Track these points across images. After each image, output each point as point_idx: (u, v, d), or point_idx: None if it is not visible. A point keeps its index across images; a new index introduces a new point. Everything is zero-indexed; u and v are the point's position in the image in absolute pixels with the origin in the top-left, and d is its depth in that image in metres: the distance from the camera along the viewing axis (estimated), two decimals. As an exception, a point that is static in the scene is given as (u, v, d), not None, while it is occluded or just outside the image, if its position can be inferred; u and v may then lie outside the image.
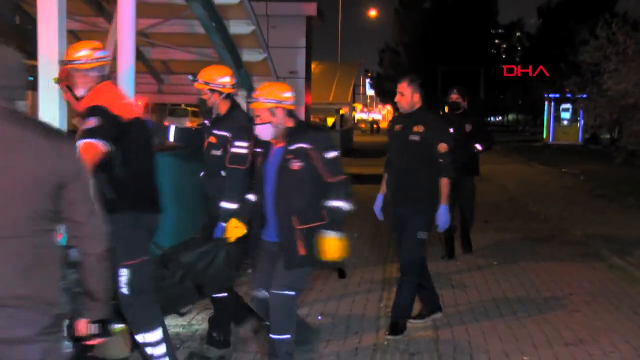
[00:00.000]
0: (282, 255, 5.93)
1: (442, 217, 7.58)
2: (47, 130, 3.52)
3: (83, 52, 5.87)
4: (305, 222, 5.85)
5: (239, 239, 6.43)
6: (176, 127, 7.64)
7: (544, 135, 55.83)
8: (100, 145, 5.38)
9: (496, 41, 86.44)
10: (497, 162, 33.01)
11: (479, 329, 7.93)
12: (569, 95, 53.82)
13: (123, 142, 5.64)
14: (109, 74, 6.17)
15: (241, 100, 18.58)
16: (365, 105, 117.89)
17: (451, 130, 10.90)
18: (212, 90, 7.01)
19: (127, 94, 7.45)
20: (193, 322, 8.05)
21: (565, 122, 54.38)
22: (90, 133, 5.39)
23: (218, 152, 7.00)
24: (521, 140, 61.28)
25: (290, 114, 6.00)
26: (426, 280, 8.21)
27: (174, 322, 7.94)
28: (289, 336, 5.91)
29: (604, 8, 52.05)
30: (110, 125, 5.52)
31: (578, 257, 12.11)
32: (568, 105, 53.45)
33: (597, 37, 23.80)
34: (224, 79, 6.95)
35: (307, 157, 5.83)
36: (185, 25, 15.32)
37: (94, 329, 3.59)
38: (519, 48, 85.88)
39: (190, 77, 7.43)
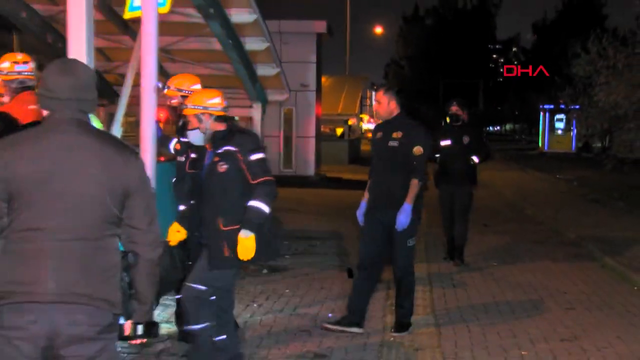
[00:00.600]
0: (207, 254, 5.89)
1: (403, 215, 7.31)
2: (116, 142, 3.60)
3: (5, 65, 5.98)
4: (230, 224, 5.77)
5: (181, 242, 6.43)
6: (178, 139, 7.58)
7: (540, 144, 55.91)
8: None
9: (494, 55, 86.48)
10: (495, 169, 32.97)
11: (479, 326, 7.94)
12: (562, 106, 53.77)
13: None
14: (33, 84, 6.03)
15: (256, 112, 18.74)
16: (371, 116, 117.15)
17: (449, 142, 11.09)
18: (183, 97, 6.89)
19: (150, 107, 7.53)
20: (212, 319, 8.04)
21: (560, 132, 54.50)
22: None
23: (182, 158, 7.03)
24: (518, 148, 61.33)
25: (220, 118, 5.92)
26: (369, 291, 7.96)
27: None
28: (202, 325, 5.86)
29: (595, 24, 51.92)
30: (6, 130, 5.32)
31: (572, 257, 12.12)
32: (562, 116, 53.56)
33: (588, 51, 23.84)
34: (196, 86, 6.76)
35: (233, 159, 5.76)
36: (204, 42, 15.37)
37: (139, 330, 3.60)
38: (516, 62, 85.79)
39: (159, 84, 7.35)
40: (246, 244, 5.72)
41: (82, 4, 7.99)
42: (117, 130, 9.02)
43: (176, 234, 6.28)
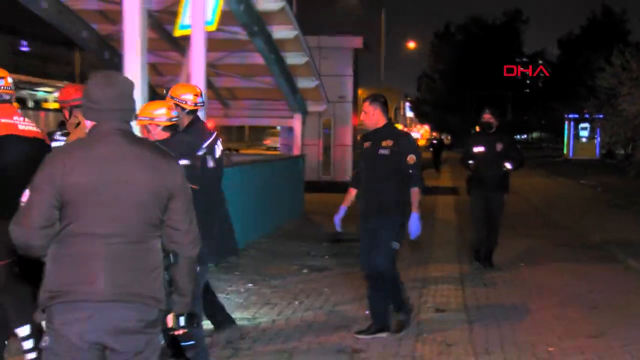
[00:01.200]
0: None
1: (414, 224, 7.19)
2: (157, 149, 3.63)
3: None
4: None
5: None
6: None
7: (565, 151, 55.54)
8: None
9: (521, 69, 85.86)
10: (523, 176, 32.63)
11: (508, 323, 7.90)
12: (587, 115, 53.47)
13: None
14: (10, 99, 6.01)
15: (296, 122, 18.78)
16: (405, 125, 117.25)
17: (482, 148, 10.70)
18: (176, 105, 6.86)
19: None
20: (257, 315, 8.10)
21: (584, 140, 54.13)
22: None
23: None
24: (544, 156, 60.79)
25: (167, 128, 5.91)
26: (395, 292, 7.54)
27: (240, 315, 8.01)
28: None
29: (618, 39, 51.55)
30: None
31: (596, 259, 12.00)
32: (586, 125, 53.24)
33: (612, 64, 23.68)
34: (187, 95, 6.65)
35: None
36: (248, 57, 15.45)
37: (181, 321, 3.65)
38: (541, 75, 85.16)
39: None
40: None
41: (136, 24, 8.11)
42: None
43: None
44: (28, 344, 5.84)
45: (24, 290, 5.68)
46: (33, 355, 5.80)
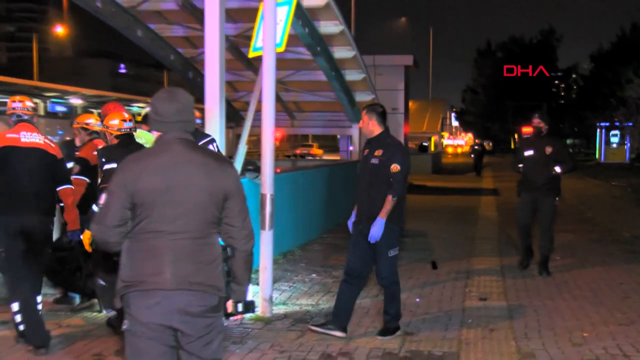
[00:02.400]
0: None
1: (375, 228, 6.47)
2: (214, 155, 3.68)
3: (8, 103, 6.48)
4: None
5: None
6: None
7: (596, 156, 54.76)
8: None
9: (556, 82, 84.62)
10: (558, 178, 32.18)
11: (545, 310, 7.78)
12: (617, 123, 52.57)
13: None
14: (29, 118, 6.50)
15: (354, 131, 18.76)
16: (451, 133, 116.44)
17: (532, 152, 9.66)
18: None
19: (269, 128, 7.64)
20: (320, 302, 8.11)
21: (614, 145, 53.35)
22: None
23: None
24: (577, 160, 59.37)
25: (118, 137, 6.27)
26: (353, 294, 6.98)
27: (305, 302, 8.04)
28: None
29: (646, 54, 50.51)
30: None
31: (626, 253, 11.74)
32: (616, 132, 52.41)
33: (640, 76, 23.12)
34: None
35: None
36: (312, 74, 15.50)
37: (239, 307, 3.69)
38: (575, 87, 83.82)
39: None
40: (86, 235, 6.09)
41: (216, 47, 8.19)
42: (242, 147, 9.19)
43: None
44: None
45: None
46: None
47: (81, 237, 6.52)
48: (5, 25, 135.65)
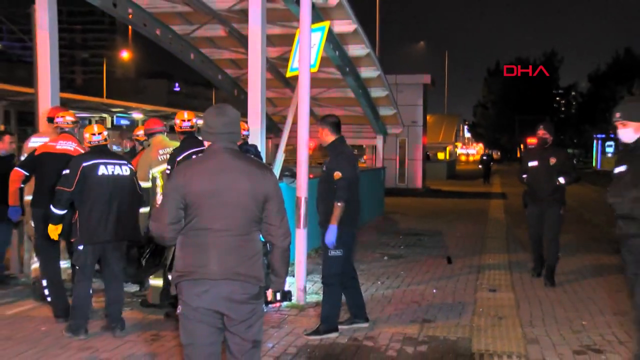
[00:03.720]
0: None
1: (328, 234, 5.90)
2: (256, 162, 3.65)
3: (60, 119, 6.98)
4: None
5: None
6: None
7: (594, 164, 54.21)
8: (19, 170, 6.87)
9: (557, 98, 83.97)
10: (559, 183, 31.76)
11: (548, 301, 7.64)
12: (612, 135, 52.11)
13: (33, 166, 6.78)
14: (70, 130, 6.93)
15: (379, 141, 18.69)
16: (464, 143, 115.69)
17: (536, 162, 8.59)
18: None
19: (304, 139, 7.60)
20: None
21: (609, 154, 52.99)
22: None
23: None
24: (576, 168, 59.11)
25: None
26: (354, 290, 6.51)
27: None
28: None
29: (638, 74, 49.79)
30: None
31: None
32: (611, 143, 52.11)
33: (633, 94, 22.77)
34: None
35: None
36: (342, 92, 15.47)
37: (277, 296, 3.68)
38: (574, 103, 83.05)
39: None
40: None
41: (258, 68, 8.19)
42: (280, 155, 9.16)
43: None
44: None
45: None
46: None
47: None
48: (81, 52, 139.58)
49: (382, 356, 5.57)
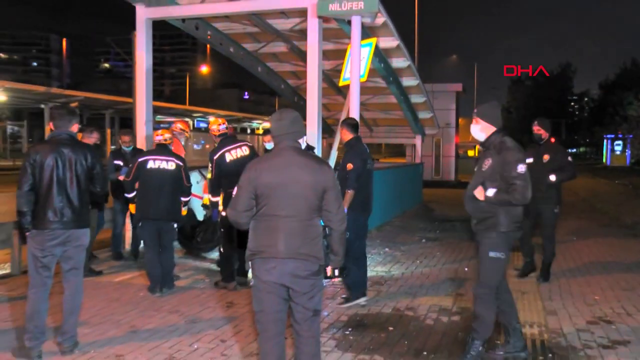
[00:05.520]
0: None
1: None
2: (316, 158, 3.62)
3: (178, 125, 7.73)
4: None
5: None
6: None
7: (603, 160, 52.71)
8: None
9: (572, 103, 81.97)
10: (574, 177, 30.91)
11: (565, 279, 7.42)
12: (620, 135, 50.46)
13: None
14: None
15: (417, 141, 18.47)
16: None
17: (531, 159, 6.74)
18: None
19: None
20: (391, 269, 7.97)
21: (618, 152, 51.43)
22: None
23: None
24: (588, 163, 57.78)
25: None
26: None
27: (380, 269, 7.91)
28: None
29: (645, 82, 48.11)
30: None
31: (629, 235, 11.11)
32: (619, 142, 50.63)
33: (639, 99, 21.89)
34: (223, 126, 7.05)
35: None
36: (386, 98, 15.33)
37: (335, 272, 3.67)
38: (587, 107, 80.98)
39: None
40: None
41: (315, 79, 8.17)
42: (334, 152, 9.14)
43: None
44: None
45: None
46: None
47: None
48: (169, 67, 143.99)
49: (421, 324, 5.51)
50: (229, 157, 6.62)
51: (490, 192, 4.42)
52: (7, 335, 5.05)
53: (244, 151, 6.73)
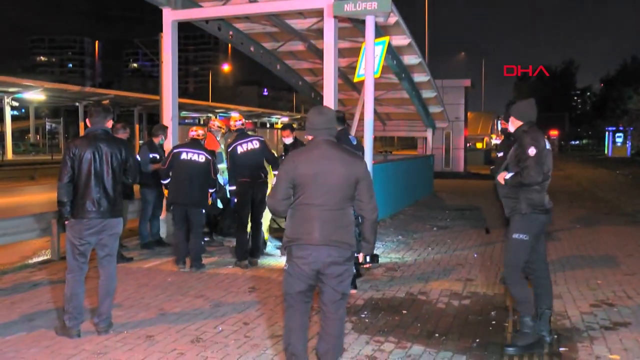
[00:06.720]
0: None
1: None
2: (349, 151, 3.61)
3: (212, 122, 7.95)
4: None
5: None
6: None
7: (605, 152, 52.00)
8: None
9: (575, 97, 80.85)
10: (576, 168, 30.56)
11: (569, 264, 7.33)
12: (621, 128, 49.85)
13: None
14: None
15: (429, 134, 18.36)
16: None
17: (501, 154, 6.30)
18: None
19: (369, 132, 7.49)
20: (405, 256, 7.93)
21: (618, 144, 50.84)
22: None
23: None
24: (590, 155, 57.01)
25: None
26: None
27: (394, 256, 7.87)
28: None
29: (645, 76, 47.32)
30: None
31: (630, 223, 10.94)
32: (620, 134, 50.06)
33: (639, 94, 21.54)
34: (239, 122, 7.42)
35: None
36: (398, 93, 15.25)
37: (367, 259, 3.61)
38: (589, 101, 79.85)
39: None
40: None
41: (331, 75, 8.12)
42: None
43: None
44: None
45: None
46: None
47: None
48: (193, 66, 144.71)
49: (433, 308, 5.47)
50: (239, 150, 7.06)
51: (508, 175, 4.49)
52: (50, 315, 5.17)
53: (255, 145, 7.12)
